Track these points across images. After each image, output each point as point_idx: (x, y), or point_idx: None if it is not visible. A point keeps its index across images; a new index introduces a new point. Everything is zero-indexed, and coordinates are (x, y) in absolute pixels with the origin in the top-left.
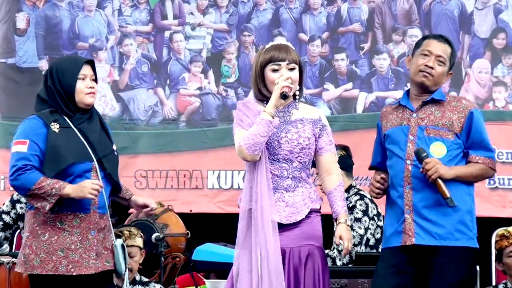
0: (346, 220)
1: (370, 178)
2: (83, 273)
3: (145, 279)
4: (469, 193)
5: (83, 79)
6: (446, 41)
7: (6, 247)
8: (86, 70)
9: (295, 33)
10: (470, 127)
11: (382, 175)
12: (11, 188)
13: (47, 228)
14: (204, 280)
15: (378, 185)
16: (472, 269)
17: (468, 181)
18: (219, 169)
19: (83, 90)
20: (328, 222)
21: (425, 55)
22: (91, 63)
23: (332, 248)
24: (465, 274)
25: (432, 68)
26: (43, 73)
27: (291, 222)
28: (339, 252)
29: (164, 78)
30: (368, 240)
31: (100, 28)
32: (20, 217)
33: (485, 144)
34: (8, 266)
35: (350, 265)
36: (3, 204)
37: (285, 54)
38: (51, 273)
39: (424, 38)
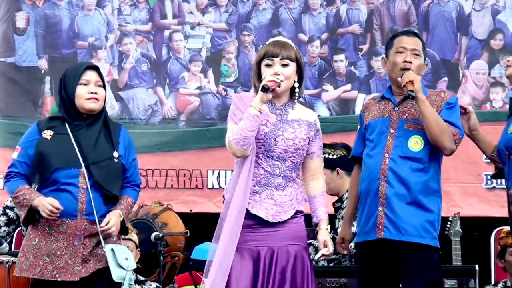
0: (327, 226)
1: None
2: (67, 280)
3: (141, 278)
4: (439, 196)
5: (85, 84)
6: (415, 34)
7: (5, 246)
8: (89, 75)
9: (294, 33)
10: (444, 110)
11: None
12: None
13: (38, 233)
14: (203, 279)
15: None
16: (436, 266)
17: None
18: (219, 168)
19: (83, 95)
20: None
21: (400, 52)
22: (97, 69)
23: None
24: (431, 270)
25: (410, 62)
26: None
27: (277, 221)
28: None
29: (163, 77)
30: None
31: (100, 27)
32: None
33: (453, 122)
34: (7, 266)
35: (334, 255)
36: (7, 200)
37: (279, 49)
38: (37, 277)
39: (393, 36)
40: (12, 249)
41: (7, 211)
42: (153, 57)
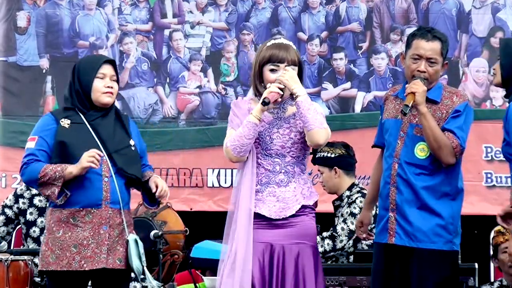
0: (303, 96)
1: (368, 176)
2: (95, 268)
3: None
4: (453, 199)
5: (102, 78)
6: (435, 37)
7: (4, 244)
8: (106, 69)
9: (293, 32)
10: (449, 118)
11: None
12: (13, 186)
13: (61, 225)
14: (203, 277)
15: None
16: (448, 270)
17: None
18: (218, 167)
19: (100, 89)
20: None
21: (416, 59)
22: (113, 63)
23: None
24: (440, 276)
25: (424, 72)
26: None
27: (280, 218)
28: (322, 239)
29: (164, 77)
30: (358, 238)
31: (100, 26)
32: (21, 212)
33: (455, 132)
34: (6, 264)
35: (331, 253)
36: (7, 198)
37: (284, 54)
38: (65, 269)
39: (413, 35)
40: (12, 247)
41: (6, 210)
42: (153, 56)
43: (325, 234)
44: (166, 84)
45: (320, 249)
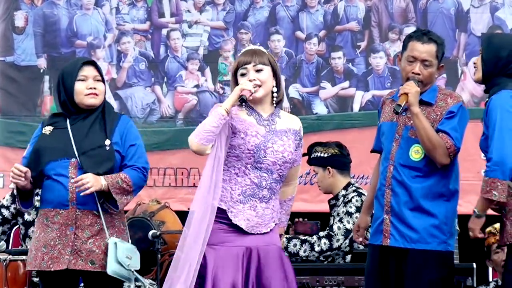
0: (282, 234)
1: (366, 176)
2: (58, 269)
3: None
4: (448, 200)
5: (83, 80)
6: (430, 39)
7: (2, 244)
8: (87, 71)
9: (292, 31)
10: (443, 119)
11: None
12: (10, 186)
13: (39, 225)
14: None
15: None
16: (443, 271)
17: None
18: None
19: (82, 91)
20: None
21: (411, 61)
22: (94, 64)
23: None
24: (434, 276)
25: (419, 74)
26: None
27: (255, 233)
28: (319, 238)
29: (161, 76)
30: None
31: (98, 26)
32: (19, 213)
33: (449, 132)
34: (4, 264)
35: (328, 252)
36: (3, 198)
37: (250, 57)
38: (37, 269)
39: (410, 37)
40: (10, 248)
41: (2, 210)
42: (151, 55)
43: (321, 233)
44: (163, 84)
45: (317, 249)
